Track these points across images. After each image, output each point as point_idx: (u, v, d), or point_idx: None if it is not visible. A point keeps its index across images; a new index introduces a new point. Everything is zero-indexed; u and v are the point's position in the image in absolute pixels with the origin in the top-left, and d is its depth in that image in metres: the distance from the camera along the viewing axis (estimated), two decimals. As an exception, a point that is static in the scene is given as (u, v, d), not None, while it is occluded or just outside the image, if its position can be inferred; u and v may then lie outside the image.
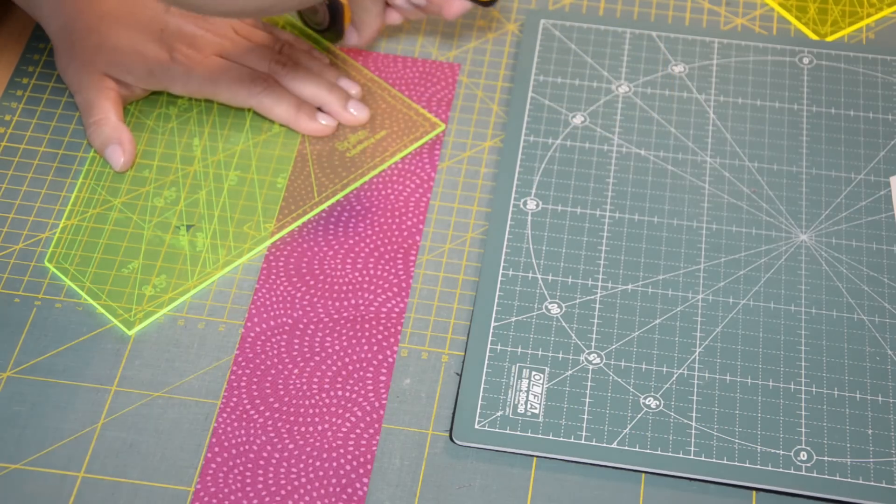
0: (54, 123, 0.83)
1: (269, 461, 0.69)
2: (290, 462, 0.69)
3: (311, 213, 0.79)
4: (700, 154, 0.83)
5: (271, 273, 0.77)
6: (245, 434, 0.70)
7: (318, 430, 0.70)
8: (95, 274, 0.76)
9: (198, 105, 0.84)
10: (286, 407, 0.71)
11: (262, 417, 0.71)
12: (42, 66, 0.86)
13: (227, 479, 0.68)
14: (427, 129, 0.83)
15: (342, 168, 0.81)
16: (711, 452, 0.70)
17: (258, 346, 0.73)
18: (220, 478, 0.68)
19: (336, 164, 0.82)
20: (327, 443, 0.70)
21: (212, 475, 0.68)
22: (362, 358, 0.73)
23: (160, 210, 0.79)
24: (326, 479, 0.68)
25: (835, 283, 0.77)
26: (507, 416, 0.71)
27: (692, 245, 0.78)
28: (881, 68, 0.88)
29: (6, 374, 0.72)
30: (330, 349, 0.73)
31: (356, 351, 0.73)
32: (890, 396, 0.72)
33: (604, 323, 0.75)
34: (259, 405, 0.71)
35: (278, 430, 0.70)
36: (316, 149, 0.82)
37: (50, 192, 0.80)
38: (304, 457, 0.69)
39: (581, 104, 0.85)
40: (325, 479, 0.68)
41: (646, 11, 0.92)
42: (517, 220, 0.79)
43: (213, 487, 0.68)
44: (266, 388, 0.72)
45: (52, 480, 0.68)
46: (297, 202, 0.80)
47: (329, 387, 0.72)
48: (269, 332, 0.74)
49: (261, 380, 0.72)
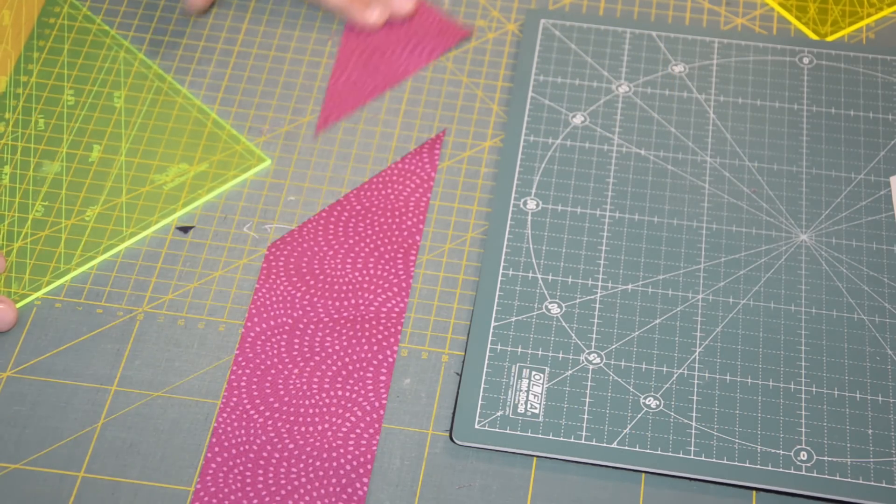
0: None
1: (269, 461, 0.69)
2: (290, 462, 0.69)
3: (117, 248, 0.78)
4: (700, 154, 0.83)
5: (271, 273, 0.77)
6: (245, 434, 0.70)
7: (318, 430, 0.70)
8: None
9: (15, 131, 0.83)
10: (286, 407, 0.71)
11: (261, 417, 0.71)
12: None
13: (227, 479, 0.68)
14: (253, 163, 0.82)
15: (157, 201, 0.80)
16: (711, 452, 0.70)
17: (258, 346, 0.73)
18: (220, 477, 0.68)
19: (152, 196, 0.80)
20: (327, 442, 0.70)
21: (212, 475, 0.68)
22: (362, 358, 0.73)
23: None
24: (326, 478, 0.68)
25: (835, 283, 0.77)
26: (507, 416, 0.71)
27: (692, 245, 0.78)
28: (881, 68, 0.88)
29: (6, 374, 0.72)
30: (330, 349, 0.73)
31: (356, 351, 0.73)
32: (890, 396, 0.72)
33: (604, 323, 0.75)
34: (259, 405, 0.71)
35: (278, 430, 0.70)
36: (131, 182, 0.81)
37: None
38: (304, 456, 0.69)
39: (581, 104, 0.85)
40: (325, 478, 0.68)
41: (646, 11, 0.92)
42: (517, 220, 0.79)
43: (213, 487, 0.68)
44: (266, 388, 0.72)
45: (52, 480, 0.68)
46: (102, 235, 0.78)
47: (329, 386, 0.72)
48: (269, 332, 0.74)
49: (261, 380, 0.72)
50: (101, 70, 0.87)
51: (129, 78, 0.86)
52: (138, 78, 0.86)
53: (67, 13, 0.90)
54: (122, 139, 0.83)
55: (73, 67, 0.87)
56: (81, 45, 0.88)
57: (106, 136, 0.83)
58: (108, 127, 0.84)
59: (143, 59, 0.87)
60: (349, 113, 0.86)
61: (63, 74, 0.86)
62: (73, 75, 0.86)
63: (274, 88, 0.86)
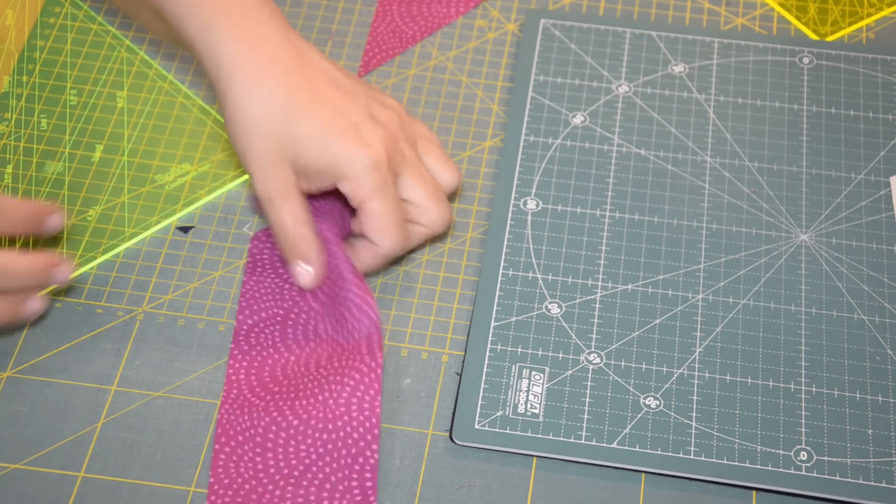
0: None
1: (276, 442, 0.69)
2: (298, 440, 0.69)
3: (118, 249, 0.78)
4: (700, 154, 0.83)
5: (257, 267, 0.76)
6: (249, 420, 0.70)
7: (319, 401, 0.70)
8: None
9: (16, 131, 0.83)
10: (285, 388, 0.71)
11: (262, 402, 0.71)
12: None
13: (239, 469, 0.68)
14: None
15: (158, 201, 0.80)
16: (711, 452, 0.70)
17: (252, 338, 0.73)
18: (232, 468, 0.68)
19: (153, 196, 0.80)
20: (330, 412, 0.70)
21: (223, 467, 0.68)
22: (354, 328, 0.72)
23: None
24: (336, 451, 0.68)
25: (835, 282, 0.77)
26: (507, 415, 0.71)
27: (692, 245, 0.78)
28: (881, 68, 0.88)
29: (6, 374, 0.72)
30: (323, 333, 0.73)
31: (346, 328, 0.73)
32: (890, 396, 0.72)
33: (604, 323, 0.75)
34: (259, 391, 0.71)
35: (281, 409, 0.70)
36: (132, 182, 0.81)
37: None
38: (309, 431, 0.69)
39: (581, 104, 0.85)
40: (335, 451, 0.68)
41: (646, 11, 0.92)
42: (517, 220, 0.79)
43: (227, 479, 0.68)
44: (265, 376, 0.72)
45: (52, 480, 0.68)
46: (102, 235, 0.78)
47: (326, 362, 0.72)
48: (261, 325, 0.74)
49: (259, 369, 0.72)
50: (103, 70, 0.87)
51: (130, 78, 0.86)
52: (139, 77, 0.86)
53: (68, 13, 0.90)
54: (124, 139, 0.83)
55: (75, 67, 0.87)
56: (82, 45, 0.88)
57: (106, 136, 0.83)
58: (109, 127, 0.84)
59: (144, 58, 0.87)
60: (391, 58, 0.87)
61: (65, 74, 0.86)
62: (74, 74, 0.86)
63: (274, 88, 0.86)
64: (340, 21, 0.90)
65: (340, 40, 0.89)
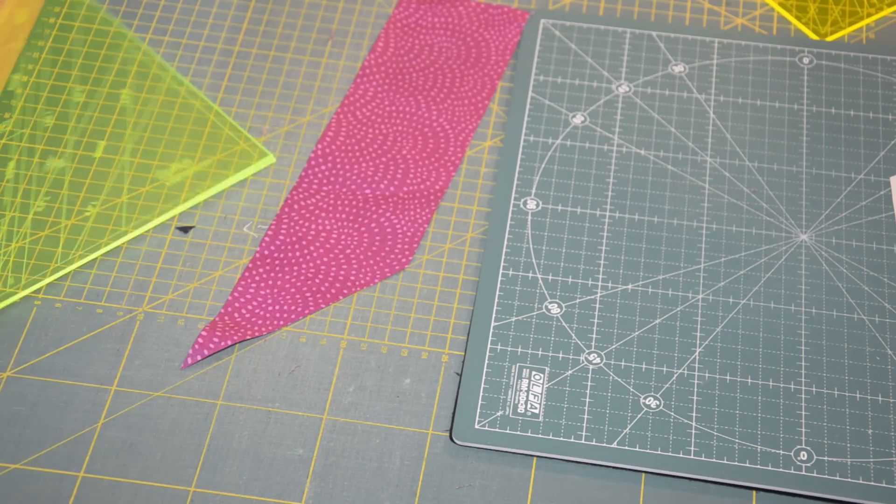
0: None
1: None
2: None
3: (116, 243, 0.78)
4: (700, 154, 0.83)
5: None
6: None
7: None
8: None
9: (20, 128, 0.83)
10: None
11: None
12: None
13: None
14: (256, 159, 0.82)
15: (158, 200, 0.80)
16: (711, 452, 0.70)
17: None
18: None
19: (154, 195, 0.80)
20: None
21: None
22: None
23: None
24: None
25: (835, 282, 0.77)
26: (507, 415, 0.71)
27: (692, 245, 0.78)
28: (881, 68, 0.88)
29: (6, 374, 0.72)
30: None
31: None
32: (890, 396, 0.72)
33: (604, 323, 0.75)
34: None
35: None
36: (132, 181, 0.81)
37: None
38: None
39: (581, 104, 0.85)
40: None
41: (646, 11, 0.92)
42: (517, 220, 0.79)
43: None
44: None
45: (52, 480, 0.68)
46: (102, 235, 0.78)
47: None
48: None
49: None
50: (105, 69, 0.87)
51: (131, 77, 0.86)
52: (141, 75, 0.86)
53: (70, 10, 0.90)
54: (125, 136, 0.83)
55: (76, 64, 0.87)
56: (82, 46, 0.88)
57: (106, 135, 0.83)
58: (110, 126, 0.84)
59: (147, 55, 0.87)
60: None
61: (67, 73, 0.86)
62: (75, 73, 0.86)
63: (274, 88, 0.86)
64: (340, 21, 0.90)
65: (340, 40, 0.89)
